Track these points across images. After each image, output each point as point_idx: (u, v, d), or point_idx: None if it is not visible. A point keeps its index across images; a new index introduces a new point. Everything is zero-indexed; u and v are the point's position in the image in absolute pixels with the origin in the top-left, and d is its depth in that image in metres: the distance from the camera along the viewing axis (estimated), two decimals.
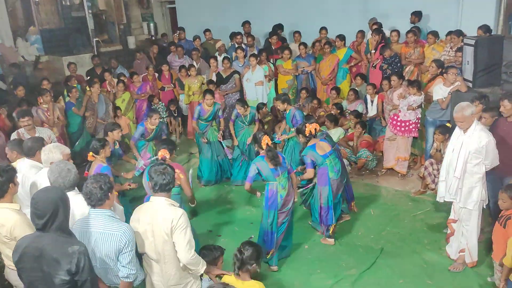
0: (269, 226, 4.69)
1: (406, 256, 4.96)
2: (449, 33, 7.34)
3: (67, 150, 3.98)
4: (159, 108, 8.54)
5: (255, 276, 3.52)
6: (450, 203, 5.92)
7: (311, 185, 5.38)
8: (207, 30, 9.92)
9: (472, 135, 4.31)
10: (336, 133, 7.23)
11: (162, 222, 3.09)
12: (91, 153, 4.69)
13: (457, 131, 4.52)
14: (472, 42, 5.97)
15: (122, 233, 2.92)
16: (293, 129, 6.26)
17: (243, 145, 6.91)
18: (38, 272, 2.66)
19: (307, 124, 5.16)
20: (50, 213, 2.63)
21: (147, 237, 3.15)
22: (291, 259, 5.04)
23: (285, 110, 6.51)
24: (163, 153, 4.44)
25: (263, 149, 4.72)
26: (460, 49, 6.74)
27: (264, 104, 7.74)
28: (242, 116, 6.84)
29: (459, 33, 7.20)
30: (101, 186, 2.96)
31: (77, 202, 3.23)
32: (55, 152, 3.83)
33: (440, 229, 5.42)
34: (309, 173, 5.11)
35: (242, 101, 6.95)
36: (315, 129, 5.16)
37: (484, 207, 4.56)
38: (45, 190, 2.80)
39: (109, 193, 3.02)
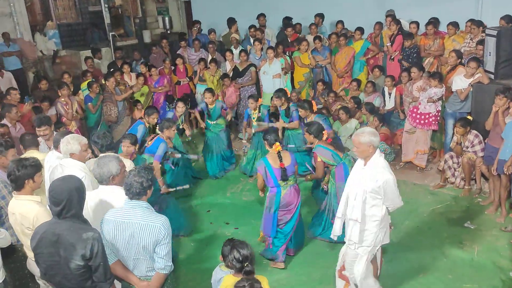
0: None
1: (425, 250, 4.91)
2: (469, 20, 7.16)
3: (85, 140, 4.02)
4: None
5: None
6: (470, 198, 5.92)
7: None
8: (232, 22, 9.86)
9: (370, 171, 3.62)
10: (351, 125, 7.16)
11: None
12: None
13: (359, 161, 3.83)
14: (494, 32, 5.85)
15: (161, 225, 2.90)
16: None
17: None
18: (55, 257, 2.73)
19: (324, 132, 5.23)
20: (64, 202, 2.70)
21: None
22: (308, 252, 5.03)
23: (281, 106, 6.72)
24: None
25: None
26: (481, 42, 6.60)
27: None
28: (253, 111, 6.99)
29: (479, 24, 7.05)
30: (142, 182, 2.94)
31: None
32: (73, 143, 3.88)
33: (461, 223, 5.36)
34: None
35: (254, 96, 7.12)
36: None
37: (378, 255, 3.89)
38: (61, 179, 2.85)
39: (148, 190, 3.01)
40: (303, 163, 6.21)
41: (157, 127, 5.83)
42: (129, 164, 4.15)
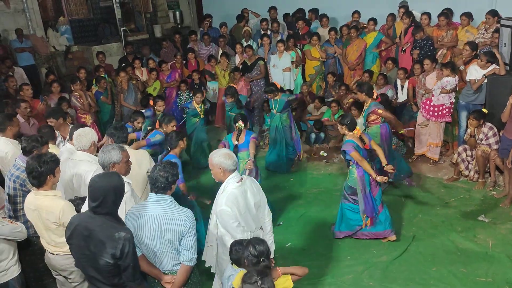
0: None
1: (439, 243, 4.87)
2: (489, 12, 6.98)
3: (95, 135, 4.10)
4: (184, 95, 8.44)
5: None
6: (484, 191, 5.85)
7: None
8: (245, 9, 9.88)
9: (221, 195, 3.38)
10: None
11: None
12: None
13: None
14: (510, 23, 5.76)
15: (186, 217, 2.92)
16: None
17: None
18: (85, 250, 2.75)
19: (374, 90, 5.80)
20: (100, 199, 2.71)
21: None
22: (321, 246, 5.02)
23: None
24: None
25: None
26: (497, 31, 6.47)
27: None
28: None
29: (494, 13, 6.90)
30: (167, 177, 2.98)
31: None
32: (84, 136, 3.95)
33: (474, 216, 5.31)
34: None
35: (200, 90, 7.08)
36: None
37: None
38: (101, 176, 2.85)
39: (173, 185, 3.05)
40: None
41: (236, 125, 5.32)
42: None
